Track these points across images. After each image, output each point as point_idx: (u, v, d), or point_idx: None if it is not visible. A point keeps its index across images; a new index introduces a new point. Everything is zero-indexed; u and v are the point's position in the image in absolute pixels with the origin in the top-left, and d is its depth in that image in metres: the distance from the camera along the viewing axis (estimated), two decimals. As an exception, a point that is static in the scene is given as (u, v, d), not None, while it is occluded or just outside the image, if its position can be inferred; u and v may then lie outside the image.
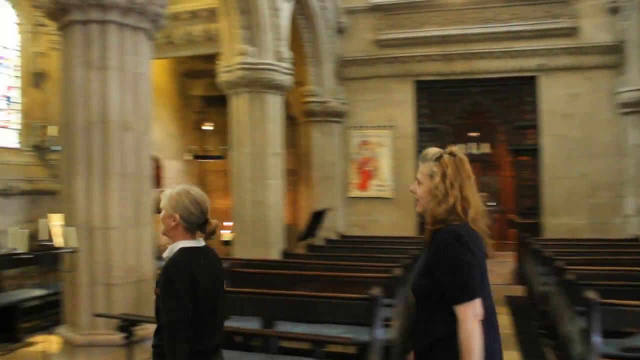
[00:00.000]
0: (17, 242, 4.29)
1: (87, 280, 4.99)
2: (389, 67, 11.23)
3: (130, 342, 4.28)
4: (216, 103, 12.39)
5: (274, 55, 8.27)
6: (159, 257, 8.00)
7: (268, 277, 5.88)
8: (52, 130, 9.07)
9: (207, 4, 9.48)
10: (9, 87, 9.34)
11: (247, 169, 8.16)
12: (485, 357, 2.27)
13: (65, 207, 5.12)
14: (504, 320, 7.28)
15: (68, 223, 4.92)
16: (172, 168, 12.43)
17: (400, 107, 11.24)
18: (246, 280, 5.74)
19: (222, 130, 11.87)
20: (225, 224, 11.92)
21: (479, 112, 11.61)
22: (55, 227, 4.94)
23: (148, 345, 4.95)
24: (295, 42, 10.33)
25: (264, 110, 8.20)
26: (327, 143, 11.23)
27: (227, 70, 8.25)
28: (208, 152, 11.64)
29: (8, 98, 9.31)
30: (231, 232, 11.71)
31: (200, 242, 2.81)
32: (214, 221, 2.85)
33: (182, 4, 9.66)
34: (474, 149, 13.64)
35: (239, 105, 8.26)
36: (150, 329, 5.02)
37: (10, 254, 6.18)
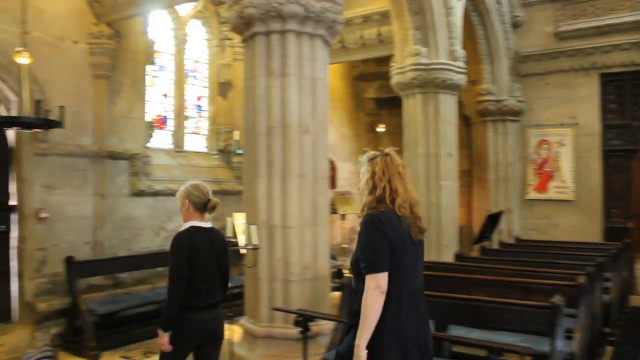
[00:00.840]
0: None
1: (267, 275, 5.29)
2: (571, 60, 10.47)
3: (306, 337, 4.46)
4: (388, 105, 12.51)
5: (448, 54, 8.14)
6: (332, 256, 8.29)
7: (441, 279, 5.80)
8: (237, 135, 9.80)
9: (380, 7, 9.59)
10: (199, 97, 10.27)
11: (420, 171, 8.13)
12: (397, 334, 2.73)
13: (248, 207, 5.46)
14: None
15: (250, 222, 5.24)
16: (346, 170, 12.78)
17: (583, 103, 10.43)
18: (419, 281, 5.72)
19: (395, 132, 11.95)
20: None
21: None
22: (239, 225, 5.30)
23: (323, 340, 5.17)
24: (468, 40, 10.08)
25: (437, 110, 8.11)
26: (502, 143, 10.79)
27: (400, 71, 8.29)
28: (380, 153, 11.77)
29: (199, 107, 10.24)
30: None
31: (206, 224, 3.82)
32: (213, 199, 3.83)
33: (355, 8, 9.87)
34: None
35: (413, 107, 8.25)
36: (325, 325, 5.24)
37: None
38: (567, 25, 10.50)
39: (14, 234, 7.08)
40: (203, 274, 3.69)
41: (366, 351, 2.68)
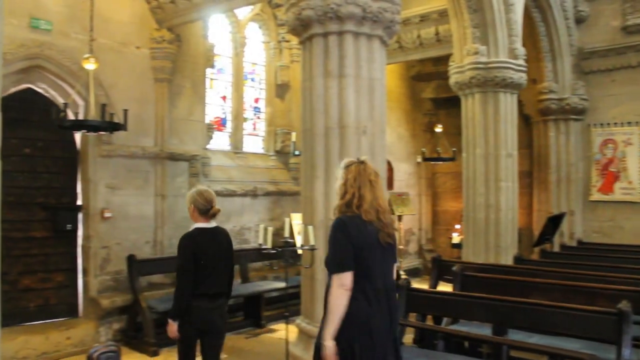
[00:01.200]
0: (263, 238, 4.75)
1: (323, 275, 5.30)
2: (640, 55, 10.06)
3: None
4: (446, 105, 12.34)
5: (508, 52, 7.96)
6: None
7: (500, 282, 5.68)
8: (294, 137, 9.88)
9: (437, 5, 9.47)
10: (256, 99, 10.41)
11: (479, 171, 7.99)
12: (360, 324, 3.06)
13: (305, 207, 5.48)
14: None
15: (307, 222, 5.29)
16: (402, 170, 12.69)
17: (653, 100, 9.99)
18: (477, 284, 5.62)
19: (452, 132, 11.78)
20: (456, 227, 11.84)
21: None
22: (296, 225, 5.34)
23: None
24: (529, 37, 9.83)
25: (497, 110, 7.94)
26: (564, 143, 10.46)
27: (458, 71, 8.16)
28: (438, 154, 11.62)
29: (256, 109, 10.38)
30: (459, 235, 11.59)
31: (210, 224, 4.39)
32: (215, 208, 4.37)
33: (413, 8, 9.78)
34: None
35: (471, 106, 8.11)
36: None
37: (257, 249, 6.86)
38: (635, 18, 10.06)
39: (79, 232, 7.38)
40: (206, 269, 4.26)
41: (333, 342, 3.04)
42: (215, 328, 4.37)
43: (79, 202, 7.38)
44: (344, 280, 3.05)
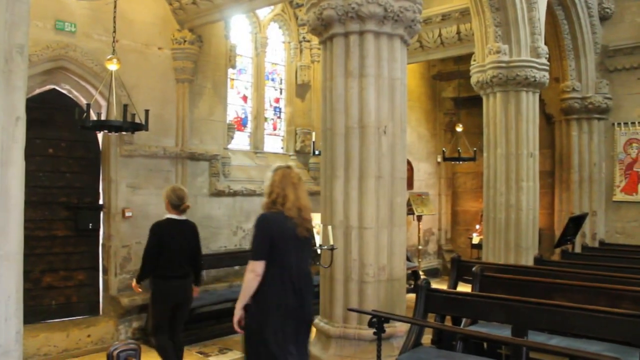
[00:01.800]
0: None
1: (342, 276, 5.31)
2: (668, 52, 9.87)
3: (380, 338, 4.45)
4: (467, 104, 12.26)
5: (530, 51, 7.88)
6: (407, 258, 8.21)
7: (520, 283, 5.62)
8: (314, 136, 9.89)
9: (459, 4, 9.42)
10: (277, 99, 10.44)
11: (500, 171, 7.92)
12: (275, 305, 3.74)
13: (325, 207, 5.49)
14: None
15: (327, 222, 5.29)
16: (423, 170, 12.64)
17: (679, 99, 9.82)
18: (497, 285, 5.57)
19: (473, 132, 11.71)
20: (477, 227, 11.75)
21: None
22: (316, 225, 5.35)
23: (397, 342, 5.14)
24: (552, 35, 9.73)
25: (518, 109, 7.87)
26: (587, 142, 10.32)
27: (480, 70, 8.11)
28: (458, 153, 11.55)
29: (276, 108, 10.41)
30: (478, 235, 11.51)
31: (180, 217, 5.47)
32: (185, 204, 5.43)
33: (434, 7, 9.74)
34: None
35: (493, 106, 8.05)
36: (399, 327, 5.20)
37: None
38: (661, 15, 9.90)
39: (101, 231, 7.48)
40: (170, 253, 5.31)
41: (243, 311, 3.84)
42: (184, 299, 5.49)
43: (101, 201, 7.47)
44: (256, 267, 3.74)
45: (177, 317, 5.51)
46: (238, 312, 3.87)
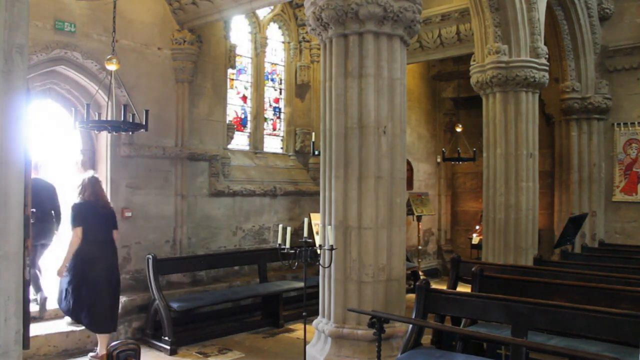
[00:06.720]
0: (282, 238, 4.76)
1: (341, 276, 5.31)
2: (666, 53, 9.87)
3: (380, 339, 4.45)
4: (466, 105, 12.26)
5: (530, 51, 7.88)
6: (407, 258, 8.21)
7: (520, 283, 5.62)
8: (314, 137, 9.88)
9: (458, 4, 9.43)
10: (276, 99, 10.44)
11: (499, 171, 7.93)
12: (82, 256, 5.86)
13: (324, 207, 5.50)
14: None
15: (326, 222, 5.30)
16: (422, 170, 12.63)
17: (678, 99, 9.82)
18: (496, 285, 5.57)
19: (472, 132, 11.71)
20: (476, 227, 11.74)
21: None
22: (316, 225, 5.35)
23: (397, 342, 5.14)
24: (551, 35, 9.73)
25: (518, 109, 7.88)
26: (587, 142, 10.33)
27: (479, 70, 8.11)
28: (458, 154, 11.55)
29: (275, 109, 10.41)
30: (478, 235, 11.50)
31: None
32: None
33: (433, 7, 9.74)
34: None
35: (492, 106, 8.05)
36: (399, 327, 5.20)
37: (275, 249, 6.87)
38: (662, 15, 9.90)
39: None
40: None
41: (66, 266, 5.89)
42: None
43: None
44: (77, 232, 5.87)
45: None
46: (62, 266, 5.99)
